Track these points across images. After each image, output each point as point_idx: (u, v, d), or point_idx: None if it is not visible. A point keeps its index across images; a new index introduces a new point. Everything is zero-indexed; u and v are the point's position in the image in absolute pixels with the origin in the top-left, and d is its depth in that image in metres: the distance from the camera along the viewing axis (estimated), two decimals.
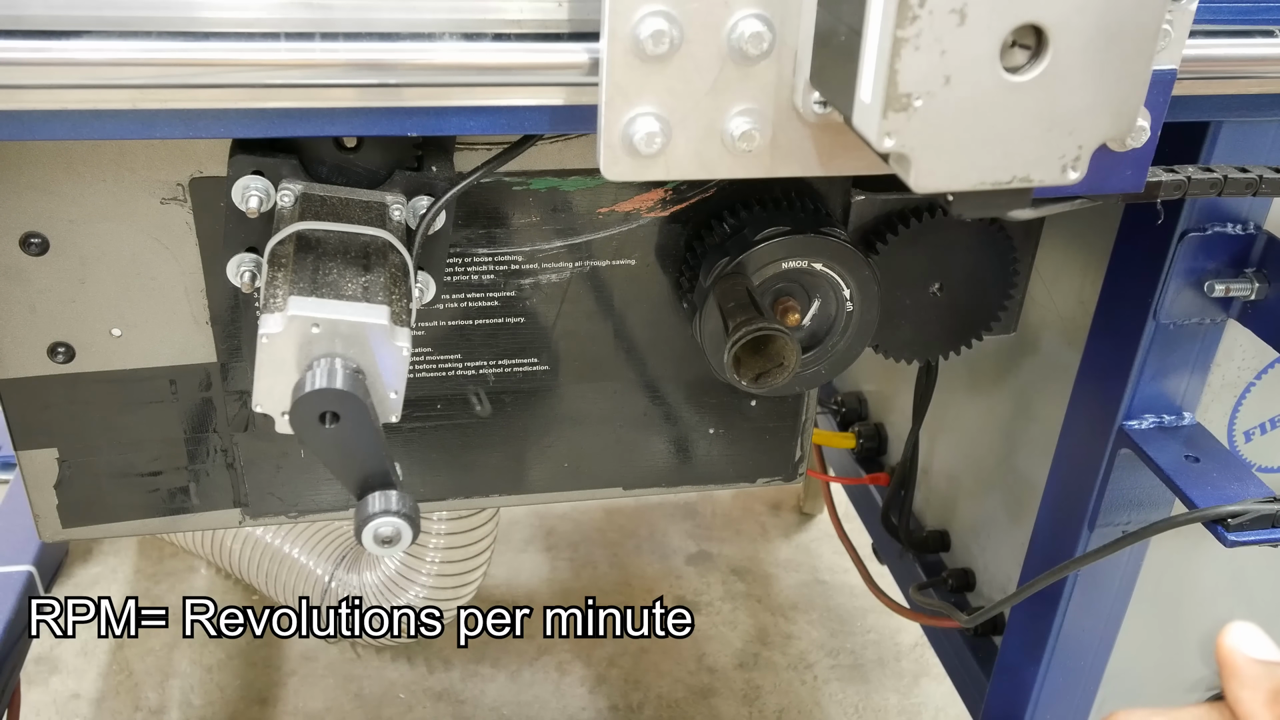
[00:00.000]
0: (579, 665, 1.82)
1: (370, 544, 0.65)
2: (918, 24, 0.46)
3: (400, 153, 0.74)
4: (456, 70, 0.58)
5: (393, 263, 0.70)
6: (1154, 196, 0.68)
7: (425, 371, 0.88)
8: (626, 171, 0.58)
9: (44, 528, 0.88)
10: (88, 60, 0.55)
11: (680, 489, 0.99)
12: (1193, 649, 1.05)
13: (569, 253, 0.85)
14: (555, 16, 0.58)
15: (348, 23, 0.57)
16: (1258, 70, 0.67)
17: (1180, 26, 0.58)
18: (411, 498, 0.66)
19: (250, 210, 0.70)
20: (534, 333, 0.88)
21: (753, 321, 0.75)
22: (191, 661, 1.78)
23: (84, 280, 0.79)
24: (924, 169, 0.50)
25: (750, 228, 0.79)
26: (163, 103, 0.57)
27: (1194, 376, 0.87)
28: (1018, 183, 0.51)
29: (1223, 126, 0.76)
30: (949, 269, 0.88)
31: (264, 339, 0.63)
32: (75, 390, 0.83)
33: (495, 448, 0.93)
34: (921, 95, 0.48)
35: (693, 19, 0.54)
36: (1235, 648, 0.56)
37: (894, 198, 0.84)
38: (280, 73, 0.56)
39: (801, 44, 0.56)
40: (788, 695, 1.80)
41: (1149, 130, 0.61)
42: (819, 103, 0.56)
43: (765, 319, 0.75)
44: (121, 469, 0.87)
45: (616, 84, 0.55)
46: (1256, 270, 0.82)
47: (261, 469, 0.90)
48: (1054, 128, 0.50)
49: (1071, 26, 0.48)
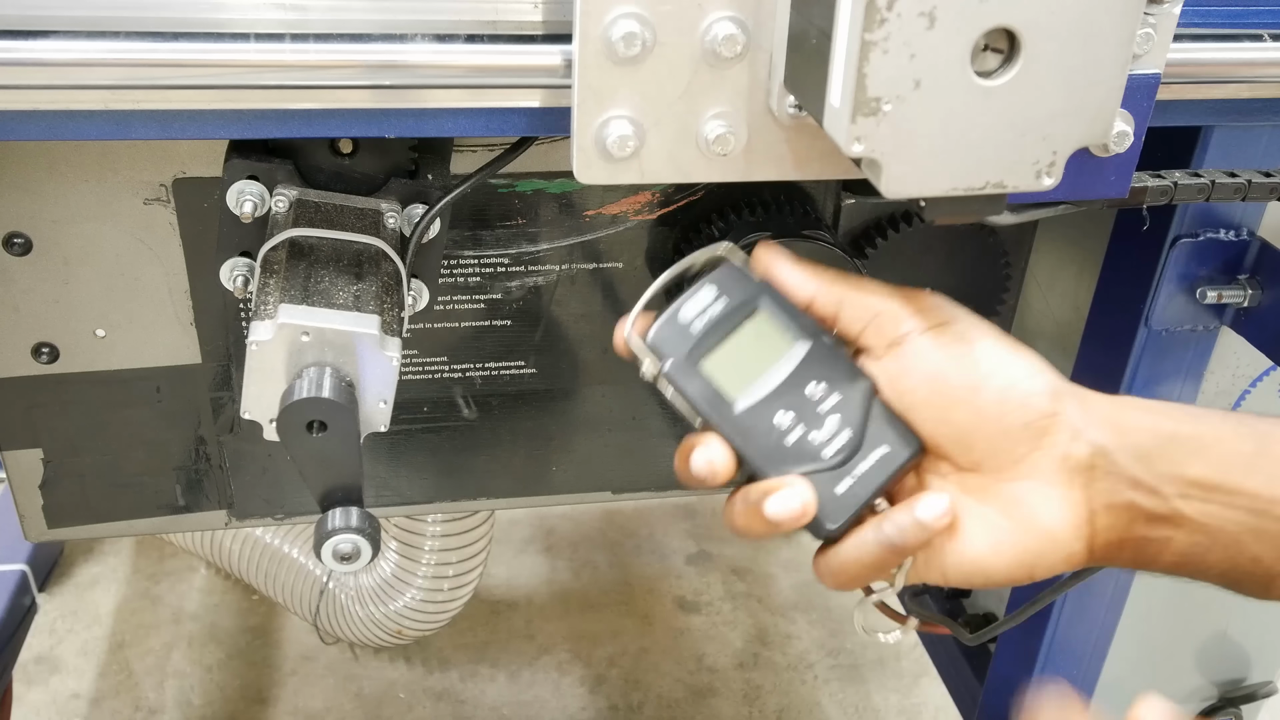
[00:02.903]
0: (579, 665, 1.82)
1: (330, 560, 0.65)
2: (886, 27, 0.46)
3: (396, 159, 0.73)
4: (431, 71, 0.58)
5: (385, 271, 0.69)
6: (1140, 202, 0.67)
7: (411, 374, 0.87)
8: (600, 175, 0.57)
9: (29, 528, 0.88)
10: (57, 60, 0.54)
11: (670, 493, 0.98)
12: (1188, 659, 1.04)
13: (556, 255, 0.84)
14: (530, 18, 0.58)
15: (319, 24, 0.56)
16: (1246, 74, 0.66)
17: (1163, 30, 0.57)
18: (372, 515, 0.66)
19: (244, 215, 0.70)
20: (521, 336, 0.87)
21: None
22: (191, 661, 1.78)
23: (67, 281, 0.79)
24: (894, 174, 0.49)
25: (735, 232, 0.79)
26: (136, 103, 0.57)
27: (1187, 384, 0.86)
28: (991, 188, 0.51)
29: (1214, 132, 0.75)
30: (940, 274, 0.87)
31: (253, 346, 0.63)
32: (59, 391, 0.83)
33: (482, 451, 0.92)
34: (891, 99, 0.47)
35: (665, 21, 0.54)
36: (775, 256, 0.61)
37: (884, 201, 0.83)
38: (251, 74, 0.56)
39: (776, 46, 0.55)
40: (788, 695, 1.79)
41: (1132, 135, 0.60)
42: (794, 106, 0.56)
43: None
44: (107, 469, 0.87)
45: (589, 86, 0.55)
46: (1249, 277, 0.81)
47: (247, 470, 0.90)
48: (1027, 133, 0.50)
49: (1044, 30, 0.47)
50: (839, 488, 0.58)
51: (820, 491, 0.57)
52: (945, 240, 0.86)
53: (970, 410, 0.57)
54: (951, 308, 0.60)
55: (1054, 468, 0.57)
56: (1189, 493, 0.56)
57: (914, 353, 0.58)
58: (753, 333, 0.60)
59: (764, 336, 0.59)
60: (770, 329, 0.59)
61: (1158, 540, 0.57)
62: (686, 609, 1.94)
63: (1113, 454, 0.56)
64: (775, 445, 0.58)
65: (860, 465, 0.58)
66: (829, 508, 0.58)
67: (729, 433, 0.58)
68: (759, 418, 0.58)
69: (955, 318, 0.59)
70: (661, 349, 0.59)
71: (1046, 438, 0.57)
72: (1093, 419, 0.57)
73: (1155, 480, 0.56)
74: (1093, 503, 0.57)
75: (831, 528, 0.58)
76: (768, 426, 0.58)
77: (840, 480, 0.58)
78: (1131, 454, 0.56)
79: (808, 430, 0.58)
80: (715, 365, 0.59)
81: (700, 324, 0.59)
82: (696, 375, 0.59)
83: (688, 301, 0.60)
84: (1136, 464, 0.56)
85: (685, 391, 0.58)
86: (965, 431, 0.57)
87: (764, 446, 0.58)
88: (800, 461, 0.58)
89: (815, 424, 0.58)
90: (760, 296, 0.60)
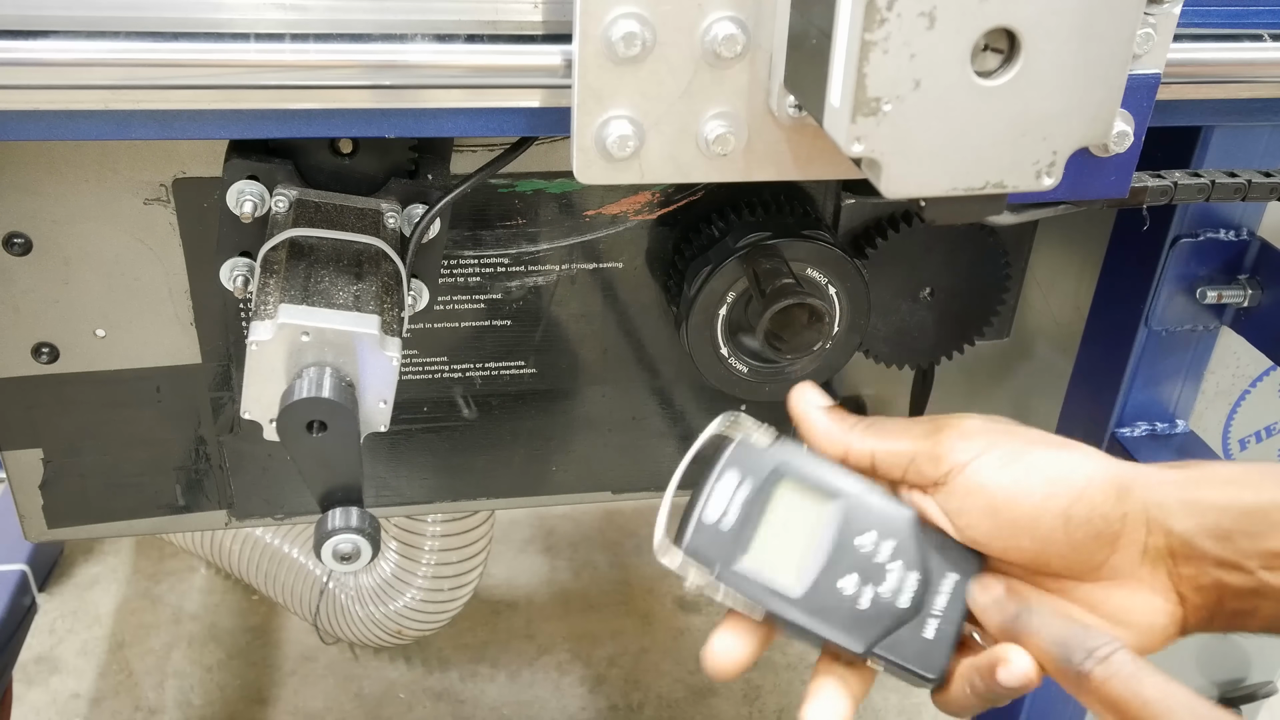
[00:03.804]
0: (579, 665, 1.82)
1: (330, 560, 0.65)
2: (886, 27, 0.46)
3: (396, 159, 0.73)
4: (431, 71, 0.58)
5: (385, 271, 0.69)
6: (1140, 202, 0.67)
7: (411, 374, 0.87)
8: (600, 175, 0.57)
9: (29, 528, 0.88)
10: (57, 60, 0.54)
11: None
12: (1188, 659, 1.04)
13: (555, 255, 0.84)
14: (530, 18, 0.58)
15: (319, 24, 0.56)
16: (1247, 74, 0.66)
17: (1163, 30, 0.57)
18: (372, 515, 0.66)
19: (244, 215, 0.70)
20: (521, 336, 0.87)
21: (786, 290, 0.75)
22: (191, 661, 1.78)
23: (67, 281, 0.79)
24: (894, 174, 0.49)
25: (734, 233, 0.78)
26: (136, 103, 0.57)
27: (1187, 384, 0.86)
28: (991, 188, 0.51)
29: (1214, 132, 0.75)
30: (940, 274, 0.87)
31: (253, 346, 0.63)
32: (59, 391, 0.83)
33: (482, 451, 0.92)
34: (891, 99, 0.47)
35: (665, 21, 0.54)
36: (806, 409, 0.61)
37: (884, 202, 0.84)
38: (251, 74, 0.56)
39: (776, 46, 0.55)
40: (788, 695, 1.79)
41: (1132, 135, 0.60)
42: (794, 106, 0.56)
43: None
44: (106, 470, 0.87)
45: (589, 87, 0.55)
46: (1250, 277, 0.81)
47: (247, 470, 0.90)
48: (1027, 133, 0.50)
49: (1044, 30, 0.47)
50: (926, 632, 0.56)
51: (910, 643, 0.55)
52: (945, 240, 0.85)
53: (1036, 538, 0.55)
54: (986, 429, 0.57)
55: (1135, 564, 0.55)
56: (1273, 564, 0.54)
57: (963, 490, 0.56)
58: (786, 507, 0.57)
59: (798, 508, 0.57)
60: (801, 498, 0.57)
61: (1246, 611, 0.55)
62: (686, 609, 1.94)
63: (1192, 539, 0.55)
64: (851, 615, 0.55)
65: (937, 602, 0.56)
66: (925, 658, 0.55)
67: (799, 619, 0.55)
68: (824, 594, 0.55)
69: (993, 443, 0.56)
70: (702, 557, 0.56)
71: (1121, 540, 0.55)
72: (1165, 507, 0.55)
73: (1239, 557, 0.54)
74: (1180, 586, 0.55)
75: (934, 677, 0.56)
76: (836, 600, 0.55)
77: (925, 625, 0.56)
78: (1211, 536, 0.54)
79: (875, 587, 0.56)
80: (760, 555, 0.56)
81: (731, 519, 0.56)
82: (745, 573, 0.55)
83: (710, 500, 0.57)
84: (1218, 545, 0.54)
85: (743, 592, 0.55)
86: (1035, 555, 0.55)
87: (841, 621, 0.55)
88: (880, 621, 0.55)
89: (879, 578, 0.56)
90: (780, 466, 0.58)
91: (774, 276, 0.76)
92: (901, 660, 0.55)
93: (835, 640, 0.55)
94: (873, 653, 0.55)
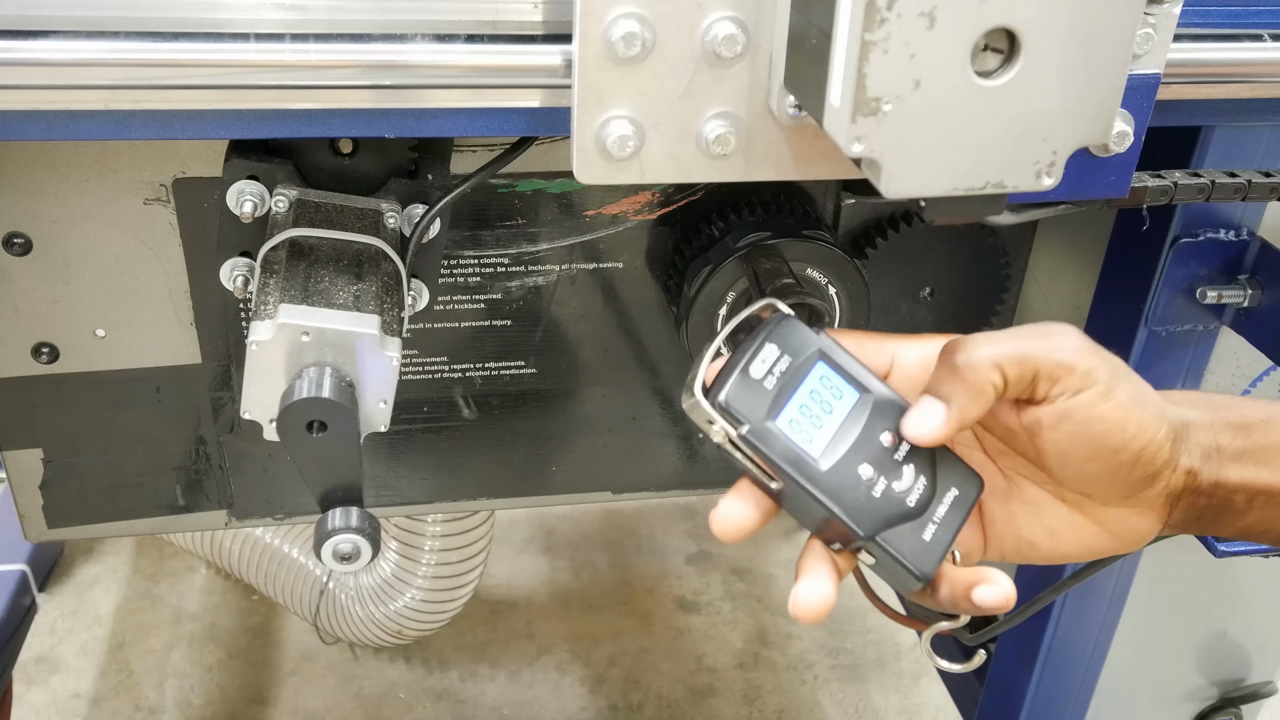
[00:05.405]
0: (579, 665, 1.82)
1: (330, 560, 0.65)
2: (886, 27, 0.46)
3: (396, 159, 0.73)
4: (431, 71, 0.58)
5: (385, 271, 0.69)
6: (1139, 202, 0.67)
7: (411, 374, 0.87)
8: (600, 175, 0.57)
9: (29, 528, 0.88)
10: (57, 60, 0.55)
11: (669, 493, 0.98)
12: (1188, 658, 1.04)
13: (556, 255, 0.84)
14: (530, 18, 0.58)
15: (319, 24, 0.56)
16: (1247, 74, 0.66)
17: (1163, 30, 0.58)
18: (372, 515, 0.66)
19: (244, 215, 0.70)
20: (521, 336, 0.87)
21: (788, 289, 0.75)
22: (191, 661, 1.78)
23: (68, 281, 0.79)
24: (894, 174, 0.49)
25: (734, 233, 0.79)
26: (136, 103, 0.57)
27: (1187, 384, 0.86)
28: (991, 188, 0.51)
29: (1214, 131, 0.75)
30: (940, 274, 0.87)
31: (253, 346, 0.63)
32: (59, 391, 0.83)
33: (482, 451, 0.92)
34: (891, 99, 0.47)
35: (665, 21, 0.54)
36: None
37: (884, 202, 0.84)
38: (251, 74, 0.56)
39: (776, 46, 0.55)
40: (788, 695, 1.79)
41: (1132, 135, 0.60)
42: (794, 106, 0.56)
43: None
44: (107, 470, 0.87)
45: (589, 86, 0.55)
46: (1249, 277, 0.81)
47: (247, 471, 0.90)
48: (1027, 133, 0.50)
49: (1044, 30, 0.47)
50: (924, 534, 0.57)
51: (909, 540, 0.57)
52: (945, 240, 0.85)
53: (1107, 466, 0.57)
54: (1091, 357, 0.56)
55: (1156, 500, 0.58)
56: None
57: (1068, 413, 0.56)
58: (821, 386, 0.58)
59: (830, 391, 0.58)
60: (835, 383, 0.58)
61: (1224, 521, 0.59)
62: (686, 609, 1.94)
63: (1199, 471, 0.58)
64: (865, 498, 0.56)
65: (939, 510, 0.58)
66: (919, 556, 0.57)
67: (816, 491, 0.56)
68: (844, 473, 0.57)
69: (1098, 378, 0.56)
70: (735, 411, 0.56)
71: (1159, 480, 0.57)
72: (1193, 454, 0.58)
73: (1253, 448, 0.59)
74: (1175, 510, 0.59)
75: (922, 577, 0.57)
76: (854, 482, 0.56)
77: (925, 528, 0.57)
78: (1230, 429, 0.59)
79: (889, 481, 0.57)
80: (790, 424, 0.57)
81: (770, 382, 0.57)
82: (776, 436, 0.56)
83: (755, 359, 0.57)
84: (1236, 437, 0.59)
85: (767, 453, 0.56)
86: (1092, 478, 0.58)
87: (855, 500, 0.56)
88: (887, 512, 0.57)
89: (895, 474, 0.57)
90: (822, 348, 0.59)
91: (774, 276, 0.76)
92: (898, 553, 0.57)
93: (844, 519, 0.56)
94: (875, 539, 0.56)
